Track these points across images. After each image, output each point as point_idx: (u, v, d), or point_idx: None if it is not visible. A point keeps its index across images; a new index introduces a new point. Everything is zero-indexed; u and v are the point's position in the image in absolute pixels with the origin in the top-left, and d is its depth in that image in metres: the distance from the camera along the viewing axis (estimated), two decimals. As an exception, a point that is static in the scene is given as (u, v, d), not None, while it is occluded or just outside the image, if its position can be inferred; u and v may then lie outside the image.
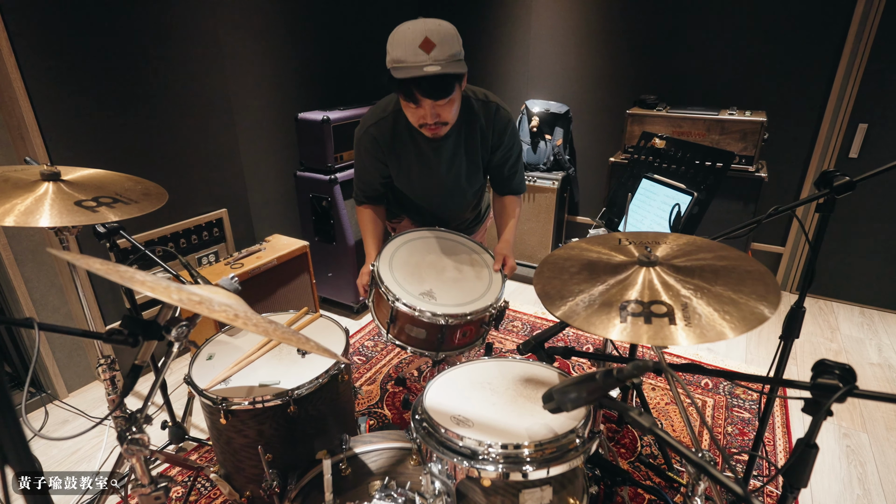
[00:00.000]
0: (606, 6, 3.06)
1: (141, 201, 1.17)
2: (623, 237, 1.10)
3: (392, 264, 1.56)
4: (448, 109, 1.36)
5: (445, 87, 1.29)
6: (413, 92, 1.28)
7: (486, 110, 1.54)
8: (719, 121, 2.60)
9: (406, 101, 1.34)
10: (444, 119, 1.37)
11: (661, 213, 1.60)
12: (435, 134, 1.41)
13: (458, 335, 1.41)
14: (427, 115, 1.34)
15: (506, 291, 1.49)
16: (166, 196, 1.26)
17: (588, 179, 3.49)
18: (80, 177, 1.21)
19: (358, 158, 1.64)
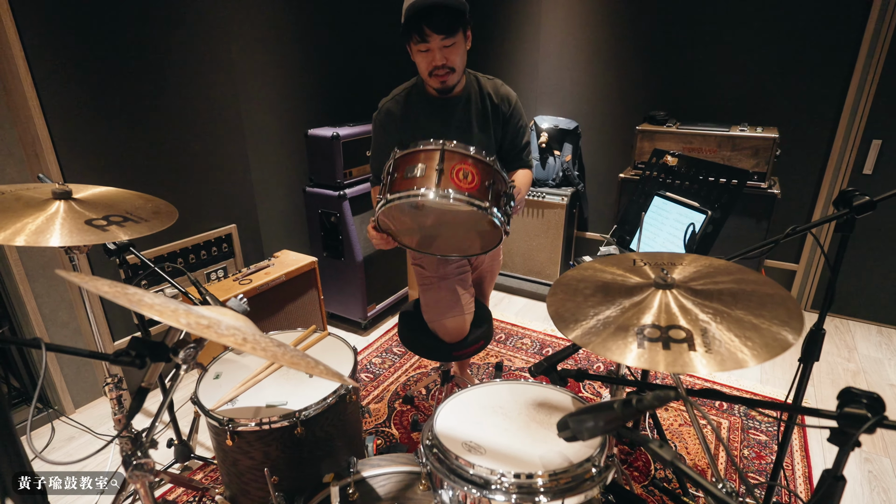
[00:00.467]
0: (616, 22, 3.07)
1: (151, 220, 1.17)
2: (638, 258, 1.08)
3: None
4: (454, 53, 1.49)
5: (452, 22, 1.44)
6: (423, 28, 1.42)
7: (494, 85, 1.69)
8: (730, 137, 2.58)
9: (416, 46, 1.47)
10: (452, 63, 1.50)
11: (675, 231, 1.58)
12: (444, 83, 1.53)
13: (456, 172, 1.24)
14: (436, 56, 1.47)
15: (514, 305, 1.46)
16: (176, 214, 1.26)
17: (598, 195, 3.47)
18: (91, 195, 1.22)
19: (374, 138, 1.71)
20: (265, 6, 2.61)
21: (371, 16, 3.18)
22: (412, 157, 1.30)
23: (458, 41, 1.50)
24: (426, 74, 1.54)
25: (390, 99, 1.68)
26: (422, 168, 1.27)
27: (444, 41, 1.46)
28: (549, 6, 3.24)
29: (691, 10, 2.85)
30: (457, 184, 1.24)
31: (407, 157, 1.30)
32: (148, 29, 2.16)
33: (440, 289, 1.77)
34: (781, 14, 2.66)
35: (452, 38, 1.47)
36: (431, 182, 1.23)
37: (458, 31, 1.48)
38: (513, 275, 3.53)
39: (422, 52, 1.49)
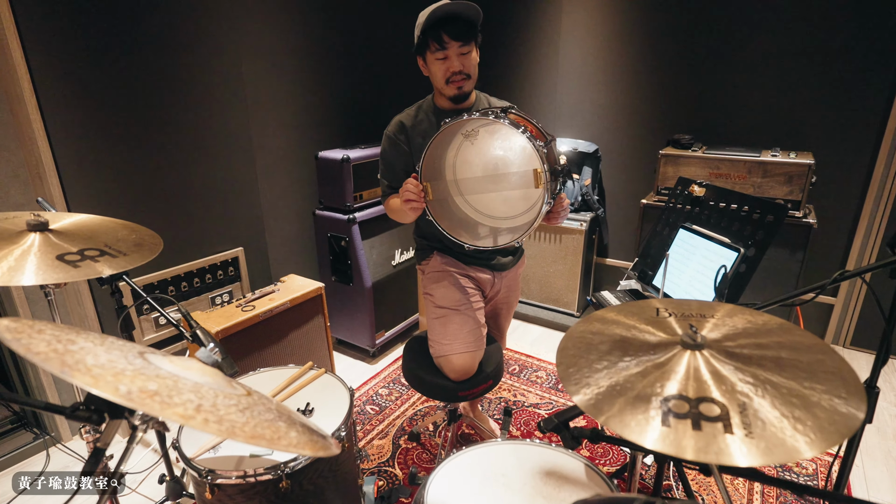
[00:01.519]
0: (638, 42, 2.97)
1: (130, 254, 1.09)
2: (662, 306, 0.95)
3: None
4: (470, 60, 1.55)
5: (469, 30, 1.50)
6: (441, 35, 1.48)
7: (501, 103, 1.74)
8: (761, 163, 2.42)
9: (434, 54, 1.52)
10: (468, 70, 1.56)
11: (702, 268, 1.44)
12: (461, 89, 1.57)
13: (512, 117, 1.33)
14: (453, 63, 1.52)
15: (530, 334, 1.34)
16: (160, 247, 1.18)
17: (618, 221, 3.33)
18: (70, 225, 1.15)
19: (384, 151, 1.72)
20: (276, 29, 2.58)
21: (383, 38, 3.14)
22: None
23: (473, 50, 1.57)
24: (443, 82, 1.57)
25: (401, 113, 1.72)
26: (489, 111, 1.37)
27: (462, 48, 1.52)
28: (569, 27, 3.15)
29: (718, 28, 2.73)
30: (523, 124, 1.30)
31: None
32: (158, 52, 2.14)
33: (449, 322, 1.65)
34: (816, 33, 2.52)
35: (468, 46, 1.53)
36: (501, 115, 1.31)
37: (473, 40, 1.55)
38: (529, 302, 3.39)
39: (439, 59, 1.54)
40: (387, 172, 1.73)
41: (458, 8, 1.48)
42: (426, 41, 1.53)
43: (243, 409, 0.73)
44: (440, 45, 1.51)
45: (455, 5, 1.48)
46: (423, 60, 1.59)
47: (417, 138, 1.65)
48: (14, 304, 2.04)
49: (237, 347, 2.17)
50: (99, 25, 1.95)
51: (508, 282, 1.87)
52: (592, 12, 3.06)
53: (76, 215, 1.20)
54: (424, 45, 1.54)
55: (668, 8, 2.82)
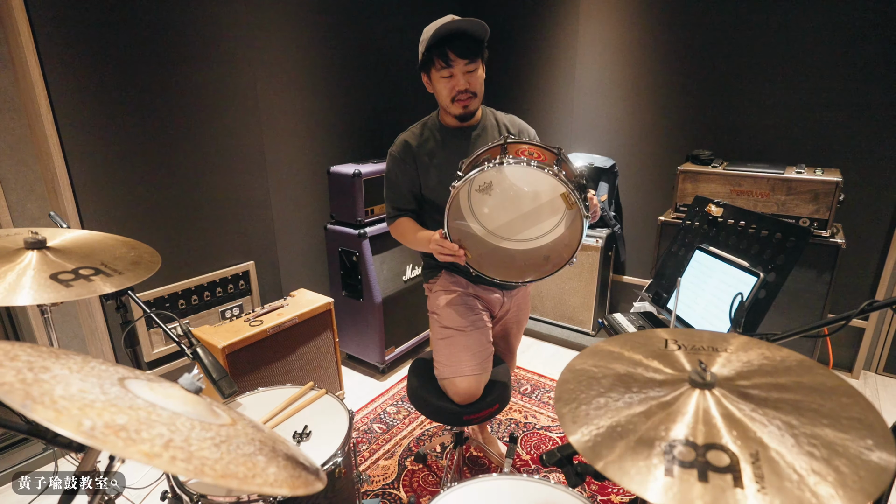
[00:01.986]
0: (656, 56, 2.91)
1: (126, 272, 1.08)
2: (670, 338, 0.89)
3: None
4: (476, 77, 1.51)
5: (475, 47, 1.47)
6: (447, 52, 1.44)
7: (510, 118, 1.72)
8: (785, 180, 2.33)
9: (439, 72, 1.49)
10: (474, 88, 1.52)
11: (719, 292, 1.37)
12: (467, 107, 1.53)
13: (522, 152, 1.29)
14: (459, 81, 1.48)
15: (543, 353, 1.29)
16: (157, 265, 1.17)
17: (636, 238, 3.24)
18: (69, 242, 1.14)
19: (389, 172, 1.68)
20: (291, 46, 2.60)
21: (396, 54, 3.14)
22: (475, 159, 1.34)
23: (479, 67, 1.53)
24: (448, 101, 1.54)
25: (407, 132, 1.68)
26: (486, 157, 1.30)
27: (468, 66, 1.49)
28: (586, 40, 3.11)
29: (740, 42, 2.65)
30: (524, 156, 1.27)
31: (470, 162, 1.35)
32: (174, 68, 2.17)
33: (454, 343, 1.61)
34: (843, 46, 2.42)
35: (475, 64, 1.50)
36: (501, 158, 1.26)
37: (479, 57, 1.52)
38: (543, 319, 3.32)
39: (444, 77, 1.51)
40: (392, 194, 1.69)
41: (464, 25, 1.45)
42: (431, 58, 1.49)
43: (219, 443, 0.69)
44: (445, 63, 1.47)
45: (461, 22, 1.44)
46: (428, 77, 1.56)
47: (424, 158, 1.62)
48: (28, 319, 2.07)
49: (244, 363, 2.16)
50: (115, 43, 1.99)
51: (518, 300, 1.82)
52: (610, 26, 3.02)
53: (76, 232, 1.20)
54: (429, 62, 1.51)
55: (688, 22, 2.77)
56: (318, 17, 2.67)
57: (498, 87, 3.49)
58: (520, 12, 3.30)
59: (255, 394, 1.54)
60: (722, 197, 2.47)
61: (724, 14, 2.65)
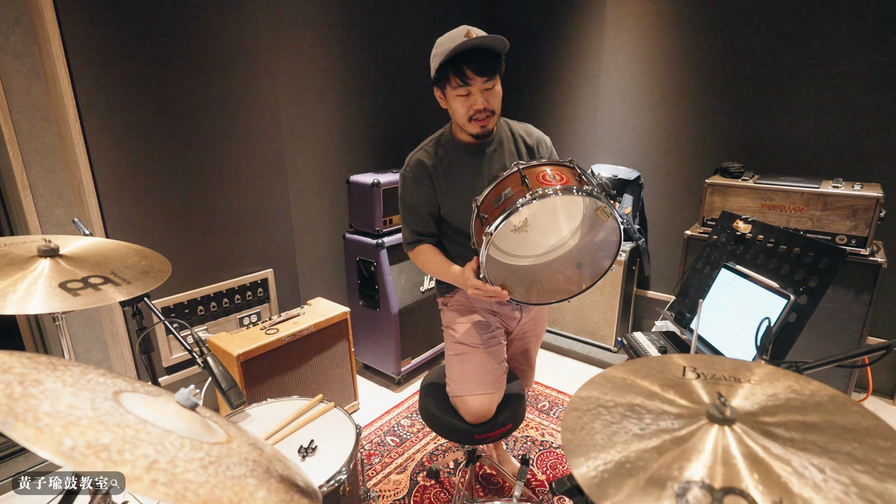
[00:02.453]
0: (683, 65, 2.83)
1: (134, 282, 1.08)
2: (688, 365, 0.83)
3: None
4: (494, 95, 1.44)
5: (494, 64, 1.39)
6: (464, 70, 1.36)
7: (525, 128, 1.64)
8: (821, 194, 2.22)
9: (455, 90, 1.40)
10: (492, 107, 1.44)
11: (745, 314, 1.29)
12: (484, 127, 1.46)
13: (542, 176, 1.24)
14: (477, 100, 1.40)
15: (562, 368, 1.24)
16: (167, 275, 1.17)
17: (661, 252, 3.15)
18: (81, 250, 1.15)
19: (406, 196, 1.60)
20: (313, 56, 2.63)
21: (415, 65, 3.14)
22: (492, 192, 1.28)
23: (497, 83, 1.45)
24: (465, 120, 1.46)
25: (418, 150, 1.60)
26: (508, 191, 1.24)
27: (486, 83, 1.40)
28: (611, 49, 3.05)
29: (772, 50, 2.56)
30: (548, 183, 1.21)
31: (488, 196, 1.28)
32: (199, 78, 2.21)
33: (467, 360, 1.56)
34: (882, 54, 2.31)
35: (493, 81, 1.42)
36: (524, 192, 1.20)
37: (498, 73, 1.43)
38: (563, 333, 3.24)
39: (461, 96, 1.42)
40: (411, 218, 1.60)
41: (483, 41, 1.35)
42: (445, 74, 1.40)
43: (208, 465, 0.67)
44: (462, 81, 1.38)
45: (479, 38, 1.35)
46: (442, 93, 1.48)
47: (441, 178, 1.55)
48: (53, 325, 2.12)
49: (259, 371, 2.16)
50: (141, 54, 2.03)
51: (534, 312, 1.77)
52: (636, 34, 2.95)
53: (91, 239, 1.21)
54: (443, 78, 1.41)
55: (717, 29, 2.68)
56: (339, 28, 2.70)
57: (520, 96, 3.45)
58: (543, 20, 3.26)
59: (264, 405, 1.53)
60: (752, 212, 2.37)
61: (756, 20, 2.56)
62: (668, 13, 2.82)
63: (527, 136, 1.62)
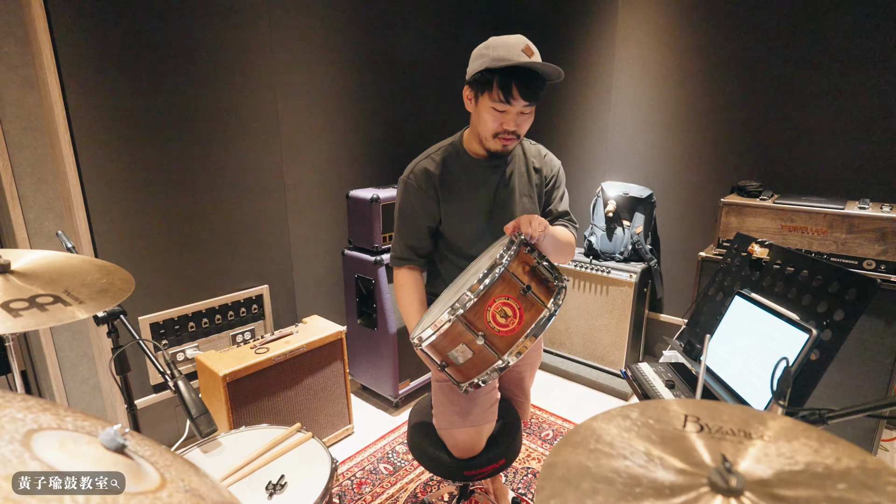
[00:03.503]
0: (698, 79, 2.72)
1: (87, 301, 1.00)
2: (690, 413, 0.71)
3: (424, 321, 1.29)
4: (527, 121, 1.37)
5: (541, 90, 1.31)
6: (512, 87, 1.27)
7: (537, 149, 1.56)
8: (846, 216, 2.07)
9: (493, 102, 1.31)
10: (521, 131, 1.37)
11: (761, 347, 1.16)
12: (506, 147, 1.39)
13: (494, 320, 1.09)
14: (511, 121, 1.32)
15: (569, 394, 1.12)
16: (127, 294, 1.08)
17: (675, 274, 3.00)
18: (37, 265, 1.08)
19: (405, 205, 1.47)
20: (313, 69, 2.58)
21: (417, 80, 3.09)
22: (440, 343, 1.14)
23: (533, 109, 1.37)
24: (489, 135, 1.37)
25: (425, 158, 1.48)
26: (462, 350, 1.13)
27: (525, 108, 1.33)
28: (622, 63, 2.96)
29: (792, 62, 2.43)
30: (503, 333, 1.10)
31: (436, 347, 1.15)
32: (196, 88, 2.17)
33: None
34: (913, 69, 2.17)
35: (532, 107, 1.35)
36: (491, 355, 1.10)
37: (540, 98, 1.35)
38: (570, 357, 3.10)
39: (497, 111, 1.32)
40: (407, 230, 1.48)
41: (542, 68, 1.26)
42: (490, 82, 1.28)
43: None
44: (505, 99, 1.28)
45: (542, 66, 1.26)
46: (475, 97, 1.36)
47: (447, 190, 1.44)
48: (39, 340, 2.06)
49: (246, 393, 2.07)
50: (136, 63, 2.00)
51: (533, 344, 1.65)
52: (648, 47, 2.86)
53: (51, 254, 1.14)
54: (486, 84, 1.30)
55: (732, 43, 2.57)
56: (341, 39, 2.65)
57: (529, 112, 3.37)
58: (552, 35, 3.19)
59: (238, 433, 1.43)
60: (772, 233, 2.23)
61: (775, 32, 2.45)
62: (681, 26, 2.72)
63: (537, 158, 1.54)
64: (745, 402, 1.15)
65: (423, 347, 1.15)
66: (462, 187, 1.45)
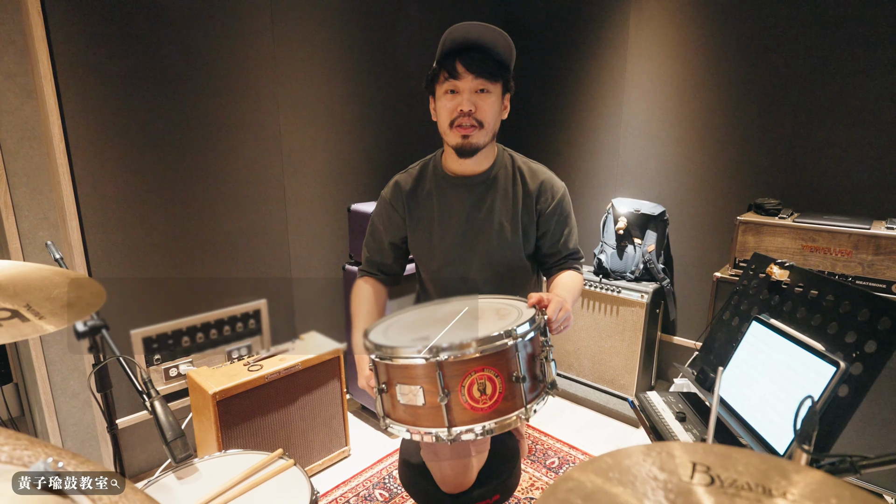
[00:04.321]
0: (712, 92, 2.63)
1: (48, 317, 0.93)
2: (699, 461, 0.61)
3: (388, 331, 1.16)
4: (487, 103, 1.23)
5: (492, 65, 1.20)
6: (455, 64, 1.19)
7: (532, 168, 1.38)
8: (873, 236, 1.95)
9: (442, 85, 1.23)
10: (481, 116, 1.22)
11: (783, 379, 1.05)
12: (466, 138, 1.24)
13: (468, 389, 0.92)
14: (463, 100, 1.21)
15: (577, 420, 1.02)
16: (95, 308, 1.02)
17: (689, 294, 2.88)
18: (2, 277, 1.02)
19: (375, 215, 1.47)
20: (315, 82, 2.55)
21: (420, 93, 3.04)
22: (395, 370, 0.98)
23: (495, 94, 1.24)
24: (446, 125, 1.27)
25: (402, 172, 1.46)
26: (414, 393, 0.95)
27: (478, 83, 1.21)
28: (633, 77, 2.88)
29: (812, 75, 2.33)
30: (468, 407, 0.92)
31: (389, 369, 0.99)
32: (194, 100, 2.14)
33: None
34: (943, 83, 2.06)
35: (489, 84, 1.22)
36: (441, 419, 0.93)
37: (498, 81, 1.24)
38: (579, 380, 2.97)
39: (447, 93, 1.23)
40: (372, 243, 1.48)
41: (480, 32, 1.18)
42: (437, 72, 1.25)
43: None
44: (450, 75, 1.21)
45: (477, 28, 1.18)
46: (434, 98, 1.31)
47: (415, 207, 1.38)
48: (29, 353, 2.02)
49: (237, 412, 1.99)
50: (135, 75, 1.98)
51: None
52: (660, 61, 2.78)
53: (18, 264, 1.09)
54: (435, 78, 1.26)
55: (748, 55, 2.48)
56: (344, 53, 2.62)
57: (538, 126, 3.30)
58: (562, 48, 3.13)
59: (216, 458, 1.35)
60: (792, 254, 2.11)
61: (794, 44, 2.35)
62: (695, 38, 2.64)
63: (530, 176, 1.36)
64: (763, 439, 1.04)
65: (375, 357, 1.00)
66: (432, 204, 1.37)
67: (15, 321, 0.90)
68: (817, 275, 1.11)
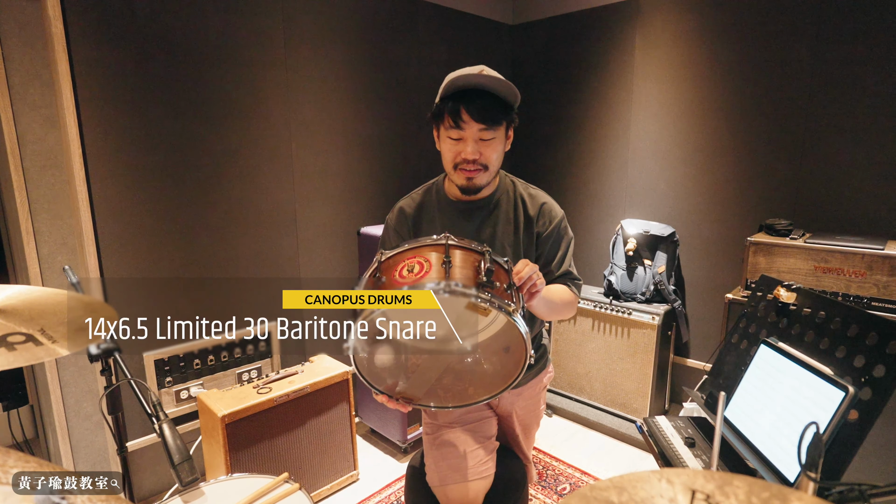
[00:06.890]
0: (721, 112, 2.64)
1: (61, 340, 0.96)
2: (700, 489, 0.61)
3: None
4: (491, 148, 1.25)
5: (494, 111, 1.21)
6: (460, 111, 1.19)
7: (532, 194, 1.39)
8: (887, 257, 1.92)
9: (448, 131, 1.24)
10: (486, 160, 1.25)
11: (791, 404, 1.03)
12: (471, 180, 1.26)
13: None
14: (468, 148, 1.22)
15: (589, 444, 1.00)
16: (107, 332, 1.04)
17: (701, 316, 2.84)
18: (17, 301, 1.05)
19: (381, 241, 1.46)
20: (328, 106, 2.62)
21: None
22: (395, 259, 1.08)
23: (499, 137, 1.25)
24: (450, 167, 1.29)
25: (405, 197, 1.46)
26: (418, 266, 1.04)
27: (483, 132, 1.22)
28: (640, 99, 2.91)
29: (822, 95, 2.33)
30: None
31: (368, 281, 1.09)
32: (210, 126, 2.21)
33: (443, 443, 1.35)
34: (953, 102, 2.05)
35: (492, 132, 1.23)
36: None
37: (502, 125, 1.25)
38: (590, 403, 2.93)
39: (452, 139, 1.25)
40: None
41: (488, 83, 1.19)
42: (442, 112, 1.23)
43: None
44: (454, 123, 1.20)
45: (486, 79, 1.19)
46: (437, 133, 1.32)
47: (418, 233, 1.39)
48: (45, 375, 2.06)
49: (246, 435, 2.00)
50: (154, 101, 2.05)
51: (526, 400, 1.48)
52: (667, 83, 2.80)
53: (34, 289, 1.12)
54: (439, 116, 1.25)
55: (757, 75, 2.50)
56: (356, 78, 2.69)
57: (545, 149, 3.33)
58: (569, 70, 3.18)
59: (222, 482, 1.35)
60: (804, 275, 2.08)
61: (803, 64, 2.36)
62: (701, 59, 2.67)
63: (531, 201, 1.39)
64: (773, 466, 1.02)
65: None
66: (436, 229, 1.37)
67: (29, 345, 0.93)
68: (825, 297, 1.10)
